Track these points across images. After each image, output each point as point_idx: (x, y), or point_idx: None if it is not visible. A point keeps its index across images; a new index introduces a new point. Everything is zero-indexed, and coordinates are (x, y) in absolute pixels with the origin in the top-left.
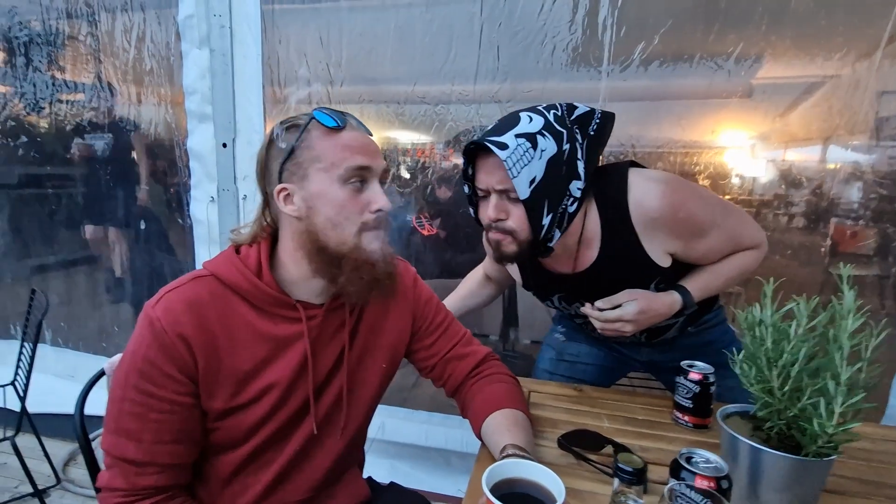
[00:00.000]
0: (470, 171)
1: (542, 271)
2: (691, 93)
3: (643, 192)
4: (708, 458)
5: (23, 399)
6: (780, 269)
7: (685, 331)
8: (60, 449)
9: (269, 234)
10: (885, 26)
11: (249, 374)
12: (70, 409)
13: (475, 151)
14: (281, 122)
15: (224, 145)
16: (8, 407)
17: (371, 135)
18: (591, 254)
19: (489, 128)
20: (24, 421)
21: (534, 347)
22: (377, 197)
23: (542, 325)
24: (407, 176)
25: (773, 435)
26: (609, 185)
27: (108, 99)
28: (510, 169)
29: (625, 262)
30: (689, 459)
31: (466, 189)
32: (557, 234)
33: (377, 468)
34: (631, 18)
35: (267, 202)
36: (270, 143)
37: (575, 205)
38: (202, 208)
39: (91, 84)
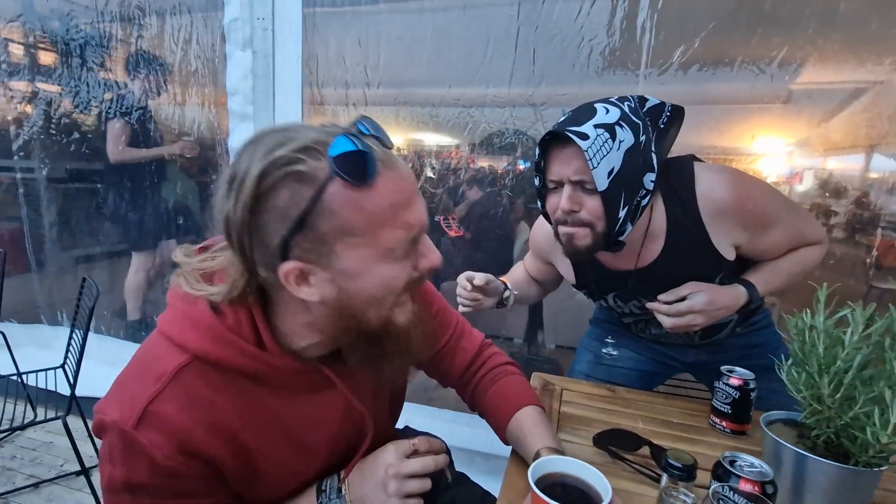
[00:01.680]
0: (542, 163)
1: (600, 268)
2: (731, 98)
3: (712, 183)
4: (752, 463)
5: (73, 383)
6: (819, 280)
7: (734, 332)
8: None
9: (257, 294)
10: None
11: (286, 459)
12: None
13: (549, 142)
14: (273, 162)
15: None
16: (51, 389)
17: (388, 144)
18: (655, 248)
19: (563, 118)
20: (72, 403)
21: (559, 352)
22: (429, 253)
23: (567, 329)
24: (432, 175)
25: (820, 443)
26: (676, 179)
27: (155, 99)
28: (591, 159)
29: (690, 256)
30: (732, 462)
31: (537, 181)
32: (630, 227)
33: None
34: (671, 21)
35: (250, 269)
36: (259, 198)
37: (647, 198)
38: None
39: (140, 84)
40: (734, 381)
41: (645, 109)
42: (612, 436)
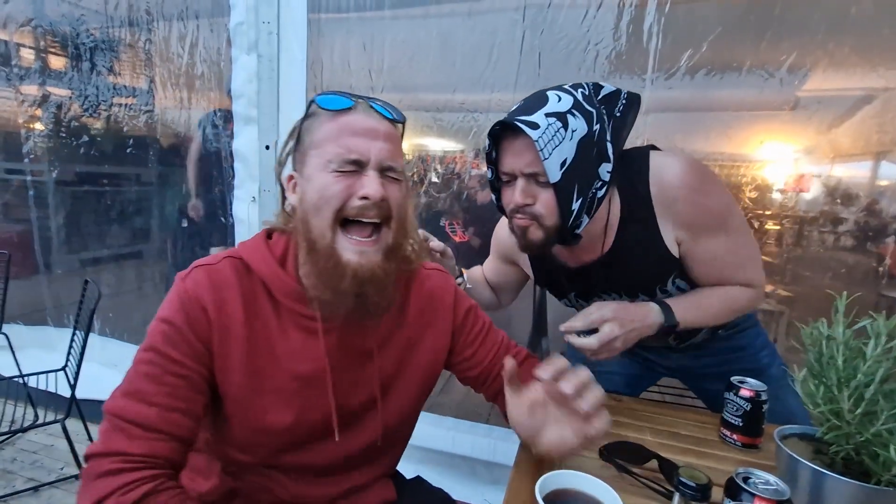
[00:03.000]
0: (493, 155)
1: (557, 265)
2: (738, 103)
3: (664, 167)
4: (767, 480)
5: (73, 385)
6: (826, 288)
7: (716, 334)
8: None
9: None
10: None
11: (264, 371)
12: None
13: (500, 133)
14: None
15: (267, 147)
16: (54, 391)
17: (397, 120)
18: (609, 242)
19: (514, 108)
20: (72, 406)
21: None
22: (366, 184)
23: None
24: (435, 179)
25: (839, 460)
26: (630, 168)
27: (162, 101)
28: (542, 150)
29: (641, 249)
30: (746, 479)
31: (490, 174)
32: (586, 219)
33: (403, 472)
34: (678, 26)
35: (284, 193)
36: (290, 134)
37: (603, 189)
38: (244, 208)
39: (146, 89)
40: (745, 393)
41: (600, 97)
42: (619, 448)
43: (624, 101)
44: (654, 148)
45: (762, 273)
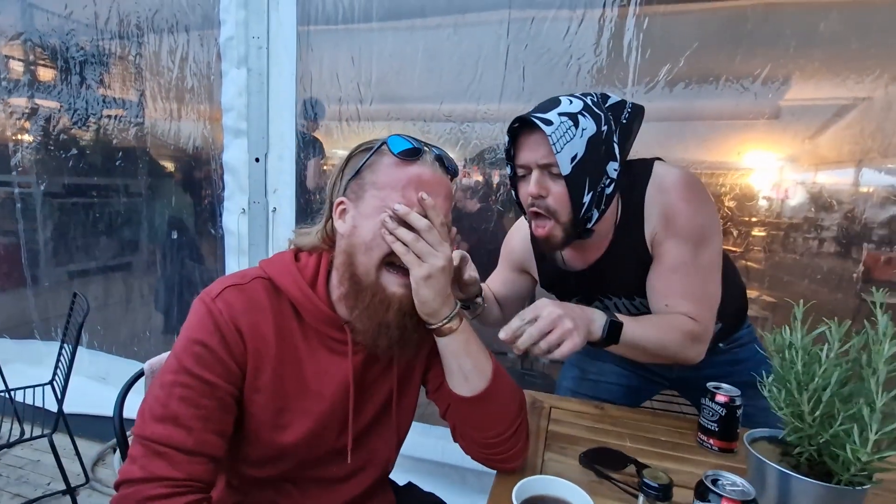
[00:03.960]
0: (511, 152)
1: (557, 268)
2: (717, 114)
3: (665, 175)
4: (734, 481)
5: (60, 400)
6: (810, 294)
7: (716, 346)
8: (89, 449)
9: (331, 246)
10: None
11: (290, 392)
12: (101, 410)
13: (518, 129)
14: (360, 144)
15: (257, 160)
16: (42, 405)
17: (451, 172)
18: (606, 244)
19: (533, 108)
20: (59, 420)
21: (553, 367)
22: None
23: None
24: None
25: (803, 461)
26: (634, 175)
27: (152, 114)
28: (554, 144)
29: (631, 253)
30: (714, 482)
31: (509, 169)
32: (596, 214)
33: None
34: (656, 41)
35: (331, 214)
36: (349, 159)
37: (612, 186)
38: (233, 219)
39: (136, 101)
40: (720, 399)
41: (607, 105)
42: (598, 454)
43: (629, 110)
44: (659, 159)
45: (711, 322)
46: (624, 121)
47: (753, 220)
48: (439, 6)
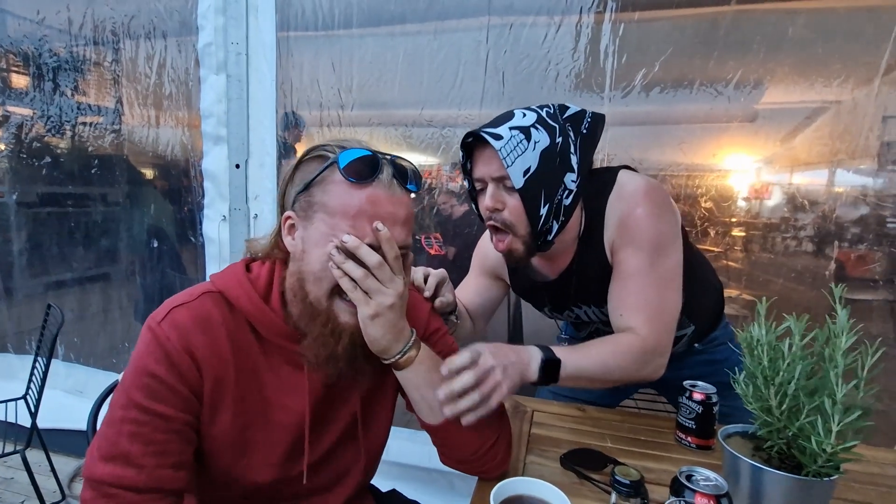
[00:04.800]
0: (468, 165)
1: (527, 277)
2: (692, 117)
3: (627, 184)
4: (708, 477)
5: (34, 414)
6: (788, 292)
7: (692, 347)
8: (66, 465)
9: (283, 254)
10: (883, 54)
11: (253, 408)
12: (78, 424)
13: (472, 144)
14: (313, 148)
15: (237, 166)
16: (15, 421)
17: (412, 189)
18: (571, 254)
19: (485, 123)
20: (32, 436)
21: None
22: None
23: (548, 342)
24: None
25: (774, 454)
26: (598, 184)
27: (129, 121)
28: (504, 158)
29: (595, 262)
30: (689, 477)
31: (467, 183)
32: (556, 225)
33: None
34: (632, 46)
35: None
36: (299, 165)
37: (570, 197)
38: (214, 227)
39: (113, 108)
40: (697, 396)
41: (565, 116)
42: (578, 455)
43: (589, 120)
44: (627, 167)
45: (666, 334)
46: (584, 131)
47: (731, 220)
48: (419, 13)
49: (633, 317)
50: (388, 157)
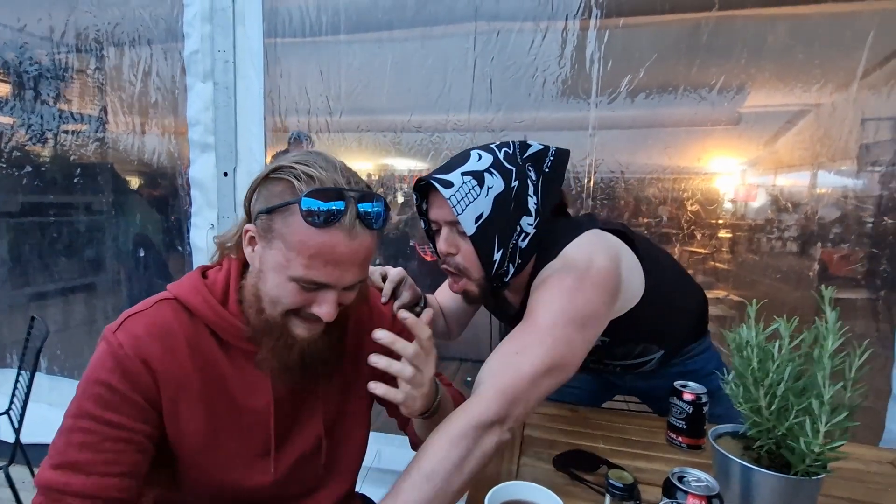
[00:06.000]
0: (424, 207)
1: (497, 303)
2: (677, 121)
3: (576, 249)
4: (699, 478)
5: (17, 429)
6: (773, 292)
7: (667, 362)
8: None
9: (242, 254)
10: (860, 58)
11: (223, 413)
12: None
13: (427, 187)
14: (281, 167)
15: (225, 174)
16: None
17: (377, 228)
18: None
19: (441, 165)
20: (16, 451)
21: None
22: (323, 305)
23: None
24: (401, 201)
25: (764, 454)
26: (556, 234)
27: (114, 129)
28: (454, 206)
29: None
30: (681, 479)
31: (423, 224)
32: (511, 268)
33: (373, 497)
34: (617, 53)
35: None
36: (265, 180)
37: (527, 240)
38: (202, 235)
39: (97, 116)
40: (687, 396)
41: (526, 155)
42: (571, 457)
43: (552, 158)
44: (619, 231)
45: (506, 411)
46: (546, 169)
47: (717, 222)
48: (406, 19)
49: (491, 370)
50: (356, 195)
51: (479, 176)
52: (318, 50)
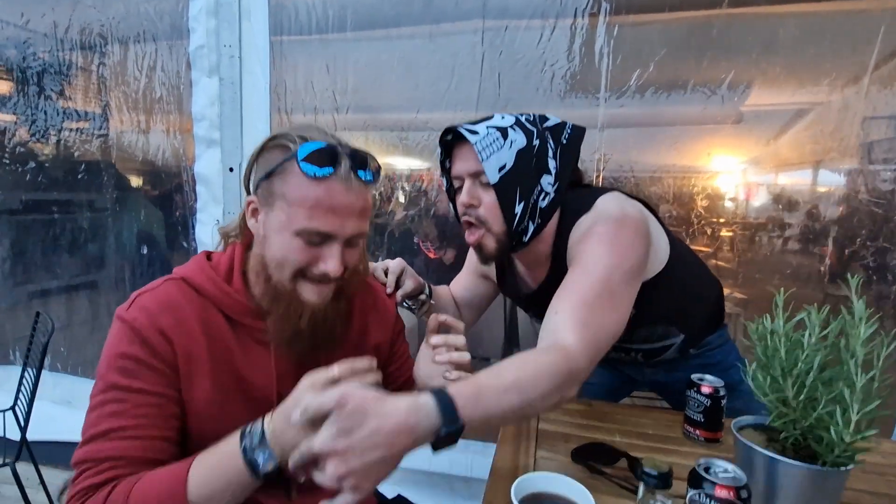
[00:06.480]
0: (447, 164)
1: (513, 284)
2: (685, 119)
3: (605, 203)
4: (726, 468)
5: (24, 426)
6: (777, 289)
7: (686, 353)
8: (55, 478)
9: (247, 237)
10: (871, 53)
11: (230, 388)
12: (67, 436)
13: (451, 143)
14: (276, 136)
15: (231, 170)
16: (3, 434)
17: (372, 181)
18: (547, 268)
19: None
20: (22, 448)
21: None
22: (328, 260)
23: None
24: (403, 201)
25: (789, 446)
26: (579, 201)
27: (117, 125)
28: (480, 152)
29: (562, 278)
30: (707, 469)
31: (445, 182)
32: (531, 226)
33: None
34: (626, 47)
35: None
36: (262, 151)
37: (546, 201)
38: (207, 231)
39: (100, 112)
40: (705, 390)
41: (545, 125)
42: (589, 450)
43: (569, 132)
44: (615, 192)
45: (592, 360)
46: (565, 141)
47: (720, 220)
48: (413, 16)
49: (567, 323)
50: (348, 149)
51: (503, 130)
52: (324, 46)
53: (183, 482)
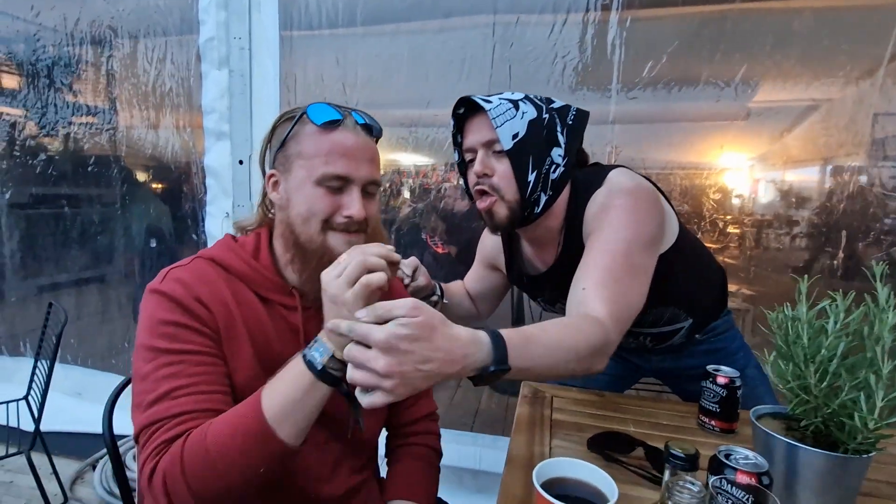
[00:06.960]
0: (459, 138)
1: (521, 269)
2: (696, 114)
3: (617, 177)
4: (747, 455)
5: (37, 417)
6: (786, 285)
7: (692, 338)
8: (67, 467)
9: (270, 221)
10: (887, 45)
11: (263, 357)
12: (78, 427)
13: (464, 116)
14: (282, 114)
15: (241, 162)
16: (12, 424)
17: (375, 134)
18: (559, 248)
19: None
20: (36, 438)
21: None
22: (351, 205)
23: None
24: (407, 195)
25: (809, 434)
26: (589, 177)
27: (126, 119)
28: (494, 119)
29: (577, 256)
30: (728, 456)
31: (456, 156)
32: (543, 198)
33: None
34: (639, 40)
35: (265, 189)
36: (274, 129)
37: (557, 172)
38: (217, 224)
39: (110, 105)
40: (721, 380)
41: (551, 106)
42: (605, 439)
43: (574, 114)
44: (622, 168)
45: (620, 334)
46: (570, 122)
47: (727, 217)
48: (423, 10)
49: (595, 297)
50: (350, 111)
51: (514, 102)
52: (334, 40)
53: (257, 401)
